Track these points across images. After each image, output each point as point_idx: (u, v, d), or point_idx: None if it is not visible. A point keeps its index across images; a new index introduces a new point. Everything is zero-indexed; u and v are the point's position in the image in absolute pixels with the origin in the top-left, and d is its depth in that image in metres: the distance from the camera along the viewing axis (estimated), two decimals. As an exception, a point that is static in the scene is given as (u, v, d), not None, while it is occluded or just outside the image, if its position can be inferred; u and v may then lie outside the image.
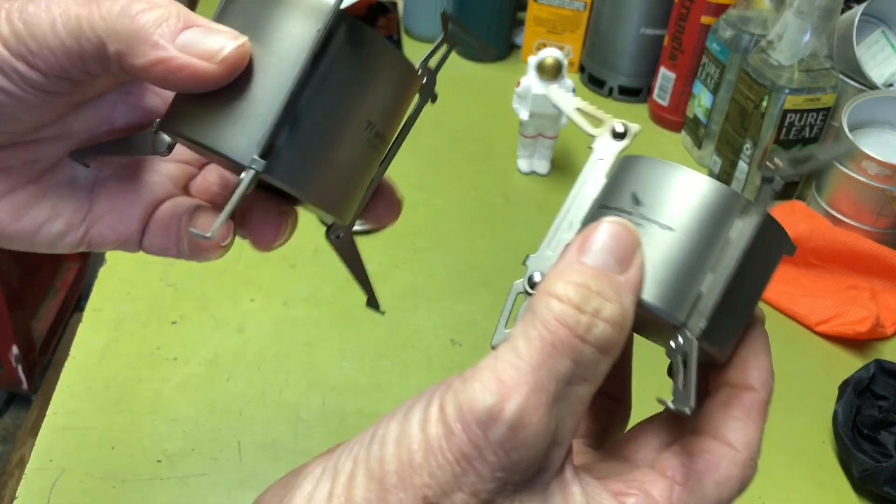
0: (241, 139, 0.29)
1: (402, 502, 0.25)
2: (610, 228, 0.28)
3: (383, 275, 0.77)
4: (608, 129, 0.34)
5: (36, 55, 0.29)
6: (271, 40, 0.30)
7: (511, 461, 0.25)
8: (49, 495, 0.55)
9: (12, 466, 1.37)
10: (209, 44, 0.29)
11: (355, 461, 0.26)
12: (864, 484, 0.62)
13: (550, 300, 0.26)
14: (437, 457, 0.25)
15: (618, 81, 1.12)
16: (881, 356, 0.72)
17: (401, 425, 0.26)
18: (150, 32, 0.29)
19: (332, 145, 0.31)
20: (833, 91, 0.85)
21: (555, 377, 0.25)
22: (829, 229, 0.80)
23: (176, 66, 0.29)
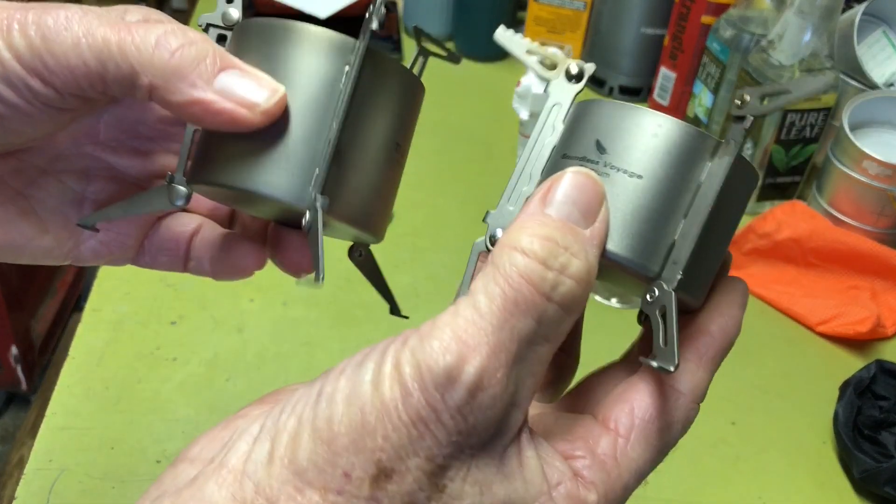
0: (291, 182, 0.30)
1: (353, 466, 0.24)
2: (574, 179, 0.27)
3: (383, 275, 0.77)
4: (563, 70, 0.32)
5: (53, 73, 0.28)
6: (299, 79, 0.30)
7: (468, 425, 0.24)
8: (48, 495, 0.54)
9: (11, 467, 1.37)
10: (250, 94, 0.29)
11: (300, 420, 0.24)
12: (864, 484, 0.62)
13: (514, 254, 0.25)
14: (393, 419, 0.23)
15: (618, 81, 1.12)
16: (882, 356, 0.71)
17: (351, 382, 0.24)
18: (189, 71, 0.28)
19: (371, 175, 0.32)
20: (833, 91, 0.85)
21: (517, 338, 0.24)
22: (830, 229, 0.80)
23: (215, 110, 0.29)
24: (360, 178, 0.31)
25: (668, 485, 0.61)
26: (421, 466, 0.24)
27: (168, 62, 0.28)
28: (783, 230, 0.80)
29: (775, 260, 0.81)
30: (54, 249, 0.35)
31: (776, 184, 0.90)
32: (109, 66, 0.28)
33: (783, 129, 0.86)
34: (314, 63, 0.30)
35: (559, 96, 0.32)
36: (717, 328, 0.29)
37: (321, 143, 0.30)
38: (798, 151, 0.88)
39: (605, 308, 0.76)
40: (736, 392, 0.70)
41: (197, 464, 0.27)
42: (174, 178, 0.32)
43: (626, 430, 0.28)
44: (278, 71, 0.30)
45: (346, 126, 0.30)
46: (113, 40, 0.28)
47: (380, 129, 0.32)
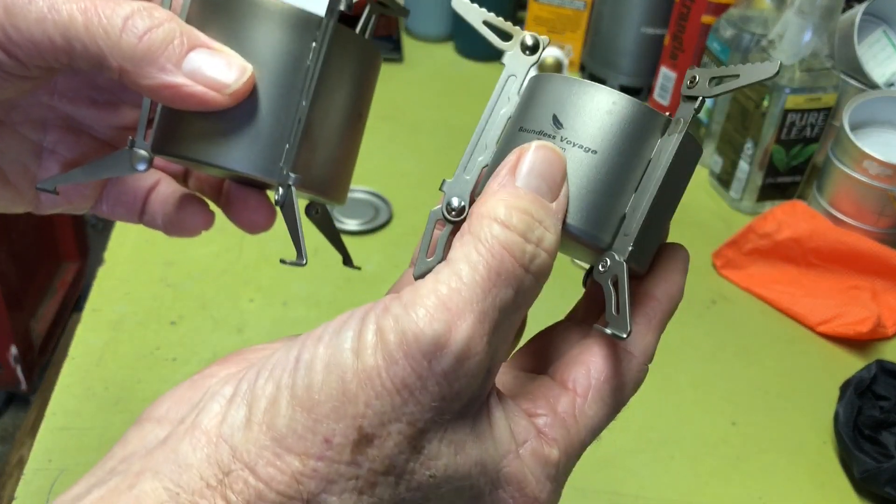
0: (261, 157, 0.31)
1: (334, 433, 0.24)
2: (542, 153, 0.28)
3: (383, 275, 0.77)
4: (518, 42, 0.32)
5: (17, 45, 0.28)
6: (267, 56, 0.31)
7: (453, 391, 0.24)
8: (48, 496, 0.54)
9: (11, 467, 1.37)
10: (219, 75, 0.29)
11: (278, 386, 0.24)
12: (864, 484, 0.61)
13: (493, 224, 0.26)
14: (376, 386, 0.24)
15: (618, 81, 1.12)
16: (882, 356, 0.71)
17: (330, 349, 0.25)
18: (158, 56, 0.28)
19: (337, 146, 0.33)
20: (834, 91, 0.85)
21: (498, 306, 0.25)
22: (831, 229, 0.80)
23: (185, 94, 0.29)
24: (327, 151, 0.32)
25: (669, 485, 0.61)
26: (402, 431, 0.24)
27: (136, 47, 0.28)
28: (784, 230, 0.80)
29: (776, 260, 0.81)
30: (16, 199, 0.35)
31: (777, 184, 0.90)
32: (76, 45, 0.28)
33: (784, 129, 0.86)
34: (281, 39, 0.30)
35: (514, 68, 0.32)
36: (663, 293, 0.31)
37: (289, 118, 0.31)
38: (798, 151, 0.88)
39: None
40: (736, 392, 0.70)
41: (165, 424, 0.27)
42: (135, 143, 0.32)
43: (583, 389, 0.29)
44: (245, 47, 0.30)
45: (314, 102, 0.31)
46: (79, 19, 0.28)
47: (344, 103, 0.33)
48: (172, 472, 0.24)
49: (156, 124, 0.32)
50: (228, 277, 0.74)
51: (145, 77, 0.29)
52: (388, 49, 1.17)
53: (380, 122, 1.02)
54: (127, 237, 0.77)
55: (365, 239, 0.81)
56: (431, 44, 1.22)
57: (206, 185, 0.39)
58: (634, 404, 0.40)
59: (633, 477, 0.61)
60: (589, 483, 0.60)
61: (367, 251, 0.80)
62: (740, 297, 0.80)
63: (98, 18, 0.28)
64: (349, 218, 0.83)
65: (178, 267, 0.74)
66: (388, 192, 0.86)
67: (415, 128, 1.01)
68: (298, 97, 0.31)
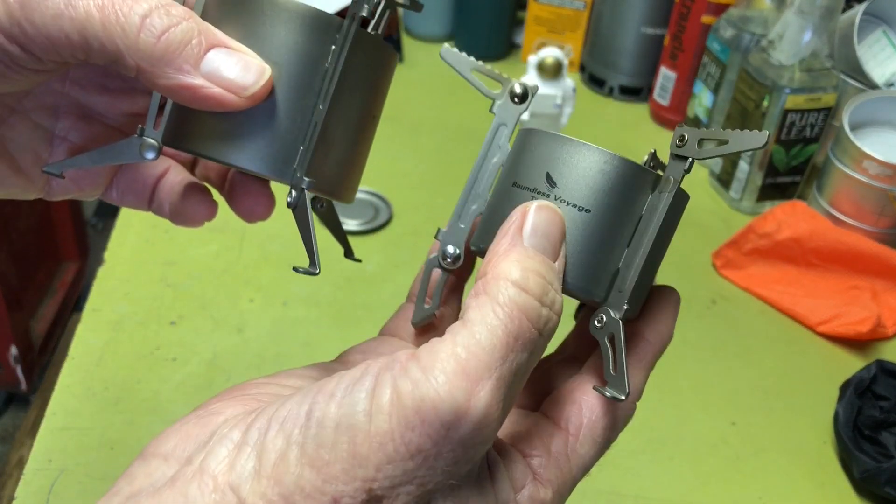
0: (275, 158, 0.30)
1: (343, 494, 0.24)
2: (544, 214, 0.28)
3: (383, 275, 0.77)
4: (507, 91, 0.33)
5: (33, 41, 0.28)
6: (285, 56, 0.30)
7: (468, 456, 0.25)
8: (48, 496, 0.54)
9: (11, 467, 1.37)
10: (237, 78, 0.29)
11: (288, 441, 0.24)
12: (864, 485, 0.61)
13: (510, 287, 0.26)
14: (389, 451, 0.24)
15: (618, 81, 1.12)
16: (882, 356, 0.71)
17: (343, 408, 0.24)
18: (176, 56, 0.28)
19: (350, 148, 0.33)
20: (834, 91, 0.85)
21: (514, 370, 0.25)
22: (831, 229, 0.80)
23: (203, 95, 0.29)
24: (340, 153, 0.32)
25: (669, 485, 0.61)
26: (412, 493, 0.24)
27: (155, 47, 0.28)
28: (784, 230, 0.80)
29: (776, 260, 0.81)
30: (28, 186, 0.35)
31: (776, 184, 0.90)
32: (93, 42, 0.28)
33: (784, 129, 0.86)
34: (301, 41, 0.30)
35: (504, 117, 0.33)
36: (655, 335, 0.31)
37: (304, 120, 0.30)
38: (798, 151, 0.88)
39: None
40: (736, 392, 0.70)
41: (171, 462, 0.27)
42: (144, 132, 0.32)
43: (575, 428, 0.29)
44: (263, 46, 0.30)
45: (330, 105, 0.30)
46: (96, 16, 0.27)
47: (360, 105, 0.32)
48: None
49: (167, 116, 0.32)
50: (228, 277, 0.74)
51: (162, 77, 0.28)
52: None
53: (380, 123, 1.02)
54: (127, 237, 0.76)
55: (365, 239, 0.81)
56: (432, 44, 1.22)
57: (212, 173, 0.39)
58: (634, 404, 0.41)
59: (633, 477, 0.61)
60: (589, 483, 0.60)
61: (367, 251, 0.80)
62: (740, 298, 0.80)
63: (115, 16, 0.27)
64: (349, 218, 0.83)
65: (178, 267, 0.74)
66: (389, 192, 0.87)
67: (415, 128, 1.01)
68: (315, 99, 0.30)
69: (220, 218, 0.39)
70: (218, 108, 0.29)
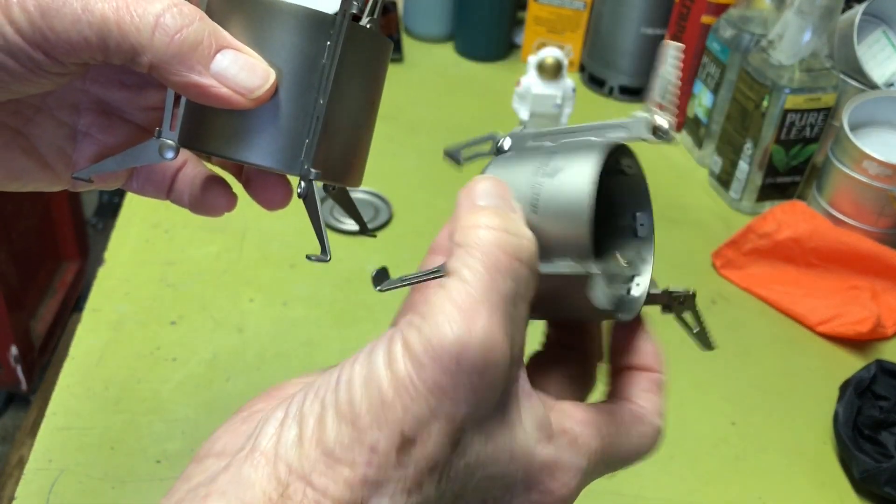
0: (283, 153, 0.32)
1: (378, 440, 0.25)
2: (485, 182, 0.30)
3: (383, 275, 0.77)
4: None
5: (55, 46, 0.29)
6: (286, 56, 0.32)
7: (485, 382, 0.26)
8: (48, 496, 0.54)
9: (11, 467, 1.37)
10: (244, 80, 0.31)
11: (323, 404, 0.27)
12: (864, 484, 0.61)
13: (477, 231, 0.28)
14: (410, 392, 0.26)
15: (618, 81, 1.12)
16: (882, 356, 0.71)
17: (366, 367, 0.26)
18: (188, 56, 0.30)
19: (353, 136, 0.35)
20: (834, 91, 0.85)
21: (503, 298, 0.27)
22: (830, 229, 0.80)
23: (212, 94, 0.31)
24: (343, 141, 0.34)
25: (669, 485, 0.61)
26: (442, 429, 0.26)
27: (168, 45, 0.29)
28: (783, 230, 0.80)
29: (775, 260, 0.81)
30: (54, 180, 0.37)
31: (776, 184, 0.90)
32: (110, 43, 0.29)
33: (783, 129, 0.86)
34: (298, 41, 0.32)
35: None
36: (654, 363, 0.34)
37: (307, 115, 0.32)
38: (798, 151, 0.88)
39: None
40: (736, 392, 0.70)
41: (224, 457, 0.28)
42: (161, 133, 0.33)
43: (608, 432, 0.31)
44: (264, 48, 0.32)
45: (330, 98, 0.32)
46: (112, 18, 0.29)
47: (358, 95, 0.34)
48: (237, 491, 0.26)
49: (182, 118, 0.33)
50: (228, 277, 0.74)
51: (175, 74, 0.30)
52: (388, 49, 1.17)
53: (380, 122, 1.02)
54: (127, 237, 0.77)
55: (364, 239, 0.81)
56: (431, 44, 1.22)
57: (228, 164, 0.40)
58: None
59: (634, 477, 0.61)
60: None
61: (367, 251, 0.80)
62: (740, 297, 0.80)
63: (130, 17, 0.29)
64: (349, 218, 0.83)
65: (178, 267, 0.74)
66: (389, 192, 0.87)
67: (415, 128, 1.01)
68: (316, 94, 0.32)
69: (220, 218, 0.39)
70: (225, 107, 0.31)
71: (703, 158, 1.00)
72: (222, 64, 0.30)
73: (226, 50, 0.31)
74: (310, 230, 0.33)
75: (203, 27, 0.30)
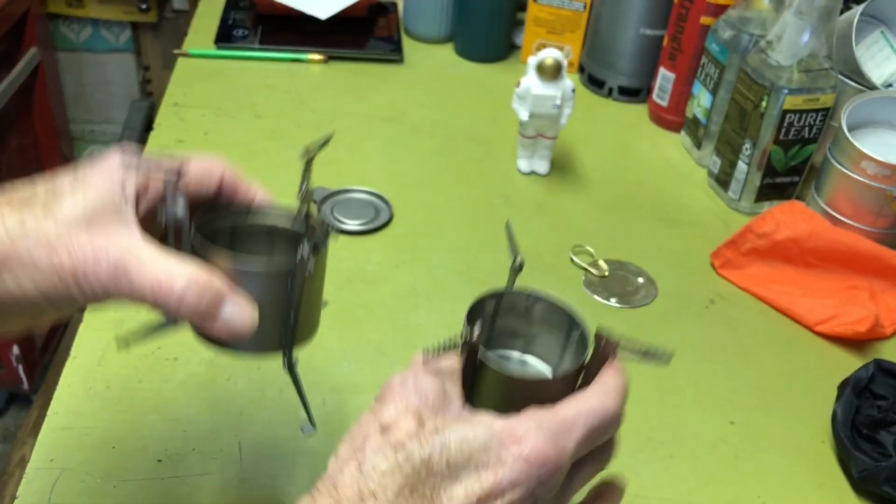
0: (268, 345, 0.46)
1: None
2: None
3: (383, 275, 0.78)
4: None
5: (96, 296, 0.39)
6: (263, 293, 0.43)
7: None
8: (50, 495, 0.55)
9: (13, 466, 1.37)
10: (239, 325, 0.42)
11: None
12: (863, 484, 0.62)
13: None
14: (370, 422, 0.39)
15: (617, 82, 1.12)
16: (880, 356, 0.72)
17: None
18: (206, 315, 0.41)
19: (313, 314, 0.48)
20: (832, 91, 0.85)
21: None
22: (829, 229, 0.80)
23: (216, 333, 0.42)
24: (306, 324, 0.47)
25: (667, 484, 0.61)
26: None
27: (192, 311, 0.40)
28: (782, 230, 0.80)
29: (774, 260, 0.81)
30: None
31: (775, 184, 0.91)
32: (147, 301, 0.40)
33: (782, 130, 0.86)
34: (271, 289, 0.44)
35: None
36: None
37: (281, 320, 0.45)
38: (797, 152, 0.89)
39: (603, 308, 0.76)
40: (735, 392, 0.70)
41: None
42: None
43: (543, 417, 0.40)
44: (249, 292, 0.42)
45: (297, 307, 0.45)
46: (149, 296, 0.39)
47: (314, 290, 0.46)
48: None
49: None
50: (229, 277, 0.75)
51: (195, 324, 0.43)
52: (389, 50, 1.17)
53: (380, 123, 1.02)
54: (128, 237, 0.77)
55: (365, 239, 0.82)
56: (431, 45, 1.22)
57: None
58: (633, 403, 0.41)
59: (632, 476, 0.61)
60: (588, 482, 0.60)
61: (367, 251, 0.80)
62: (739, 297, 0.81)
63: (160, 285, 0.39)
64: (349, 218, 0.83)
65: (179, 267, 0.75)
66: (389, 193, 0.87)
67: (415, 128, 1.02)
68: (288, 311, 0.45)
69: (221, 218, 0.39)
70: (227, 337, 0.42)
71: (702, 159, 1.00)
72: (225, 314, 0.41)
73: (226, 301, 0.41)
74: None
75: (212, 287, 0.40)
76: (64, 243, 0.39)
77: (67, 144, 1.87)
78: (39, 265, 0.38)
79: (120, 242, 0.39)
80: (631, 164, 1.01)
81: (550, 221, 0.88)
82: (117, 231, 0.40)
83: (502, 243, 0.85)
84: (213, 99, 1.02)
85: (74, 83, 1.87)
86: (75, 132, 1.94)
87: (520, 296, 0.46)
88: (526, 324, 0.47)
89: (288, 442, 0.60)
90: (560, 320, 0.46)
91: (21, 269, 0.38)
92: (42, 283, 0.39)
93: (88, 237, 0.39)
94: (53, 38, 1.79)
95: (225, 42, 1.13)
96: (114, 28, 1.83)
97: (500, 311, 0.47)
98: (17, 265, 0.38)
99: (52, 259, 0.38)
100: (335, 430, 0.62)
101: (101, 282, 0.39)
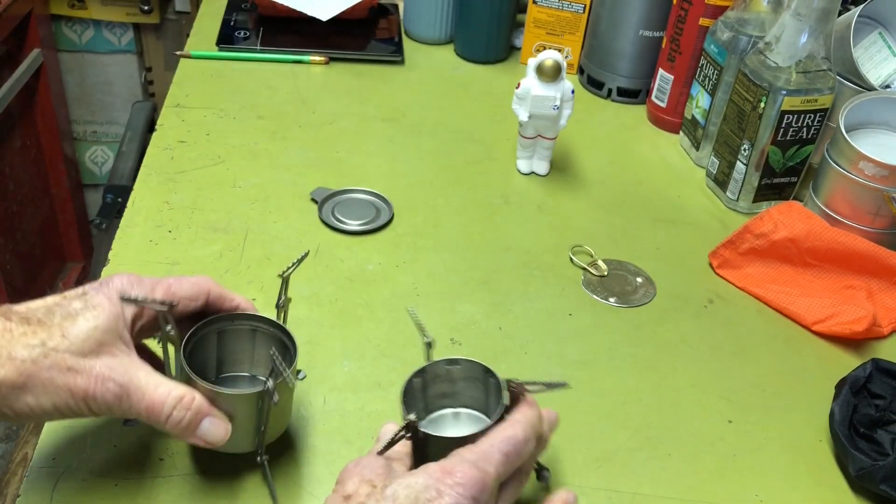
0: (244, 445, 0.55)
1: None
2: None
3: (384, 274, 0.78)
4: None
5: (101, 412, 0.48)
6: (239, 414, 0.53)
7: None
8: (52, 493, 0.55)
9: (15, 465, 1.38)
10: (215, 438, 0.51)
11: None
12: (860, 482, 0.62)
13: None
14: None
15: (616, 83, 1.12)
16: (878, 355, 0.72)
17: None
18: (190, 433, 0.50)
19: (282, 419, 0.57)
20: (830, 92, 0.85)
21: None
22: (827, 229, 0.81)
23: (196, 443, 0.51)
24: (276, 426, 0.56)
25: (666, 483, 0.62)
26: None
27: (179, 430, 0.50)
28: (780, 230, 0.81)
29: (772, 260, 0.82)
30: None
31: (773, 184, 0.91)
32: (142, 419, 0.49)
33: (780, 131, 0.86)
34: (248, 406, 0.53)
35: None
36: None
37: (256, 426, 0.54)
38: (795, 152, 0.89)
39: (602, 307, 0.77)
40: (733, 391, 0.71)
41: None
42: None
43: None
44: (225, 407, 0.52)
45: (268, 415, 0.53)
46: (143, 413, 0.49)
47: (283, 403, 0.54)
48: None
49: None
50: (231, 277, 0.75)
51: (177, 435, 0.51)
52: (390, 51, 1.17)
53: (381, 124, 1.03)
54: (131, 237, 0.77)
55: (366, 239, 0.82)
56: (431, 46, 1.22)
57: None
58: (632, 403, 0.41)
59: (631, 474, 0.62)
60: (586, 481, 0.61)
61: (367, 251, 0.80)
62: (737, 297, 0.81)
63: (155, 414, 0.49)
64: (350, 218, 0.84)
65: (181, 267, 0.75)
66: (389, 193, 0.87)
67: (415, 129, 1.02)
68: (261, 422, 0.54)
69: (223, 218, 0.39)
70: (204, 446, 0.51)
71: (701, 159, 1.01)
72: (203, 428, 0.50)
73: (206, 418, 0.50)
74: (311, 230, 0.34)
75: (193, 407, 0.50)
76: (81, 367, 0.46)
77: (70, 145, 1.87)
78: (57, 385, 0.46)
79: (123, 365, 0.48)
80: (630, 164, 1.01)
81: (550, 222, 0.89)
82: (120, 354, 0.48)
83: (502, 243, 0.86)
84: (215, 100, 1.02)
85: (77, 84, 1.88)
86: (78, 133, 1.94)
87: (439, 364, 0.55)
88: (451, 384, 0.56)
89: (288, 440, 0.61)
90: (477, 373, 0.55)
91: (41, 389, 0.45)
92: (58, 401, 0.46)
93: (98, 360, 0.47)
94: (56, 40, 1.80)
95: (227, 44, 1.14)
96: (116, 29, 1.84)
97: (427, 382, 0.55)
98: (39, 386, 0.45)
99: (67, 381, 0.46)
100: (335, 429, 0.62)
101: (107, 403, 0.47)
